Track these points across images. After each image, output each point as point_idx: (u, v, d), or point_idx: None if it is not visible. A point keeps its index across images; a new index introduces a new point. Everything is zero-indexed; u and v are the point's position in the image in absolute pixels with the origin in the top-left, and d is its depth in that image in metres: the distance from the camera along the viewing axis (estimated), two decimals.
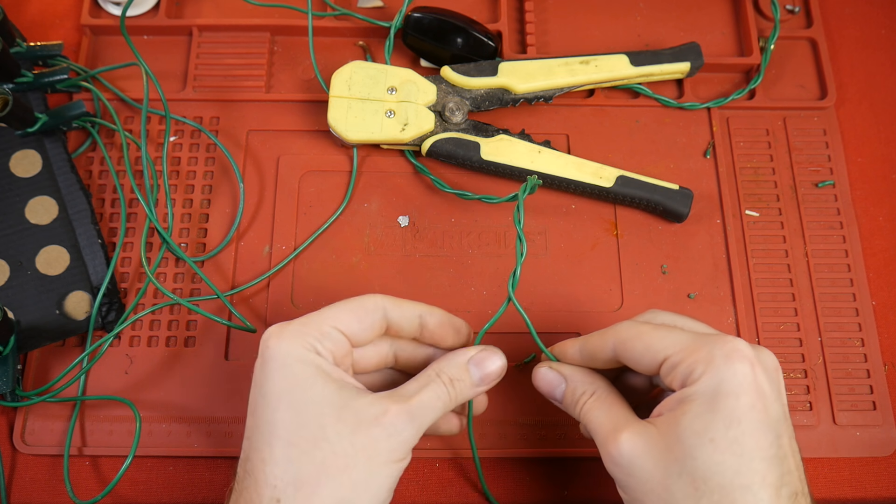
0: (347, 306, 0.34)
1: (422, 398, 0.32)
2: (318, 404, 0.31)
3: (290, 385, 0.31)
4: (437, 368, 0.34)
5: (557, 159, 0.46)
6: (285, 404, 0.31)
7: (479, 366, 0.35)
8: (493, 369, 0.35)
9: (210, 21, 0.51)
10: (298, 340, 0.32)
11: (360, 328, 0.34)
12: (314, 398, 0.31)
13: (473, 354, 0.35)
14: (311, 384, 0.31)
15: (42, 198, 0.46)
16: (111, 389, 0.43)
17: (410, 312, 0.35)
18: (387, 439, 0.31)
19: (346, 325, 0.33)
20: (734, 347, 0.31)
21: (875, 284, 0.47)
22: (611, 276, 0.46)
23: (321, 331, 0.33)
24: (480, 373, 0.35)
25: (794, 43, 0.52)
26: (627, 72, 0.48)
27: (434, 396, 0.33)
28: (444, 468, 0.43)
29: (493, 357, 0.35)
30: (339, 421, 0.31)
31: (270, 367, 0.32)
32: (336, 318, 0.33)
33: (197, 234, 0.47)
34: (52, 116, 0.46)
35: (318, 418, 0.31)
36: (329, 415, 0.31)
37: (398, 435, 0.31)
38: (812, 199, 0.48)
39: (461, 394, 0.34)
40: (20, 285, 0.44)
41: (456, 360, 0.35)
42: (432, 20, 0.48)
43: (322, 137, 0.49)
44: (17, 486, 0.42)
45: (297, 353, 0.32)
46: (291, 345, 0.32)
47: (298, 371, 0.31)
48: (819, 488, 0.43)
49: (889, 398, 0.44)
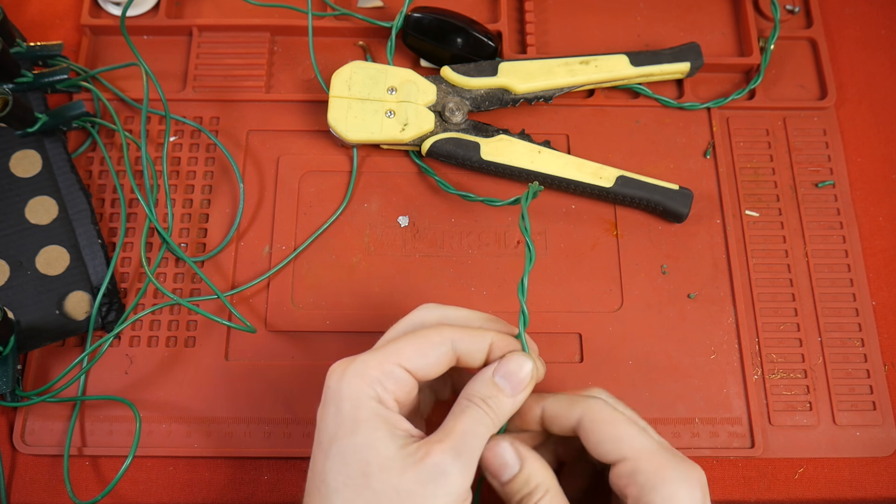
0: (412, 341, 0.32)
1: (462, 429, 0.30)
2: (364, 452, 0.29)
3: (343, 431, 0.30)
4: (467, 394, 0.32)
5: (557, 159, 0.46)
6: (335, 451, 0.30)
7: (507, 376, 0.32)
8: (523, 375, 0.32)
9: (210, 21, 0.51)
10: (359, 381, 0.30)
11: (424, 363, 0.31)
12: (362, 446, 0.29)
13: (496, 366, 0.32)
14: (362, 430, 0.30)
15: (42, 198, 0.46)
16: (111, 389, 0.43)
17: (481, 344, 0.32)
18: (433, 482, 0.29)
19: (411, 361, 0.31)
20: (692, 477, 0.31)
21: (875, 284, 0.47)
22: (611, 276, 0.46)
23: (383, 369, 0.31)
24: (510, 383, 0.32)
25: (794, 43, 0.52)
26: (627, 72, 0.48)
27: (473, 423, 0.31)
28: None
29: (518, 361, 0.32)
30: (385, 469, 0.29)
31: (327, 408, 0.31)
32: (401, 354, 0.31)
33: (197, 234, 0.47)
34: (52, 116, 0.46)
35: (363, 466, 0.29)
36: (375, 462, 0.29)
37: (444, 475, 0.29)
38: (812, 199, 0.48)
39: (501, 410, 0.32)
40: (20, 285, 0.44)
41: (482, 378, 0.32)
42: (432, 20, 0.48)
43: (322, 137, 0.49)
44: (17, 486, 0.42)
45: (354, 394, 0.30)
46: (351, 386, 0.30)
47: (352, 414, 0.30)
48: (819, 488, 0.43)
49: (889, 398, 0.44)
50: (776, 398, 0.44)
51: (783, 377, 0.44)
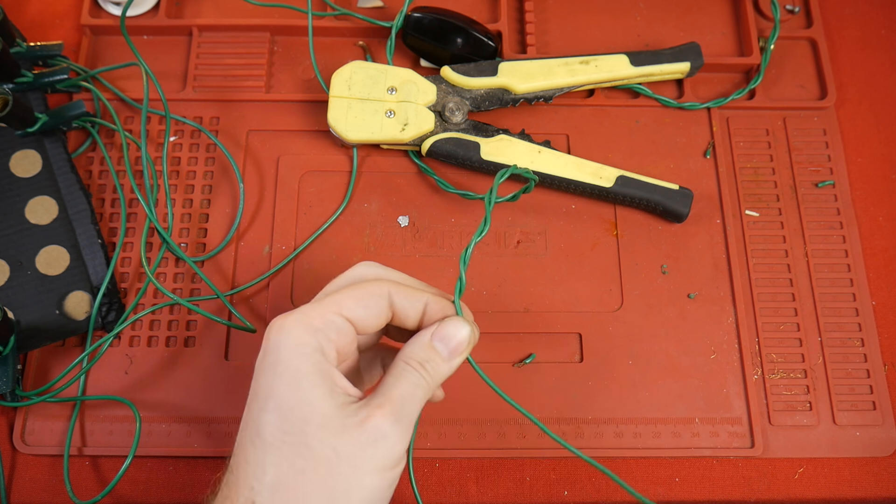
0: (353, 292, 0.31)
1: (401, 393, 0.30)
2: (302, 409, 0.29)
3: (281, 384, 0.30)
4: (405, 356, 0.32)
5: (557, 159, 0.46)
6: (273, 405, 0.29)
7: (444, 340, 0.32)
8: (460, 339, 0.32)
9: (210, 21, 0.51)
10: (300, 331, 0.30)
11: (365, 314, 0.31)
12: (302, 401, 0.29)
13: (435, 330, 0.32)
14: (302, 385, 0.29)
15: (42, 198, 0.46)
16: (111, 389, 0.43)
17: (417, 302, 0.32)
18: (373, 445, 0.29)
19: (352, 311, 0.31)
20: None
21: (875, 284, 0.47)
22: (611, 276, 0.46)
23: (325, 319, 0.30)
24: (447, 347, 0.32)
25: (794, 43, 0.52)
26: (627, 72, 0.48)
27: (412, 387, 0.31)
28: (444, 468, 0.43)
29: (455, 325, 0.32)
30: (323, 427, 0.29)
31: (265, 361, 0.30)
32: (342, 304, 0.31)
33: (197, 234, 0.47)
34: (52, 116, 0.46)
35: (301, 423, 0.29)
36: (313, 420, 0.29)
37: (384, 440, 0.29)
38: (812, 199, 0.48)
39: (436, 374, 0.32)
40: (20, 285, 0.44)
41: (420, 341, 0.32)
42: (432, 20, 0.48)
43: (322, 137, 0.49)
44: (17, 486, 0.42)
45: (294, 346, 0.30)
46: (292, 337, 0.30)
47: (292, 367, 0.30)
48: (819, 488, 0.43)
49: (889, 398, 0.44)
50: (776, 398, 0.44)
51: (783, 377, 0.44)
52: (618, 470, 0.43)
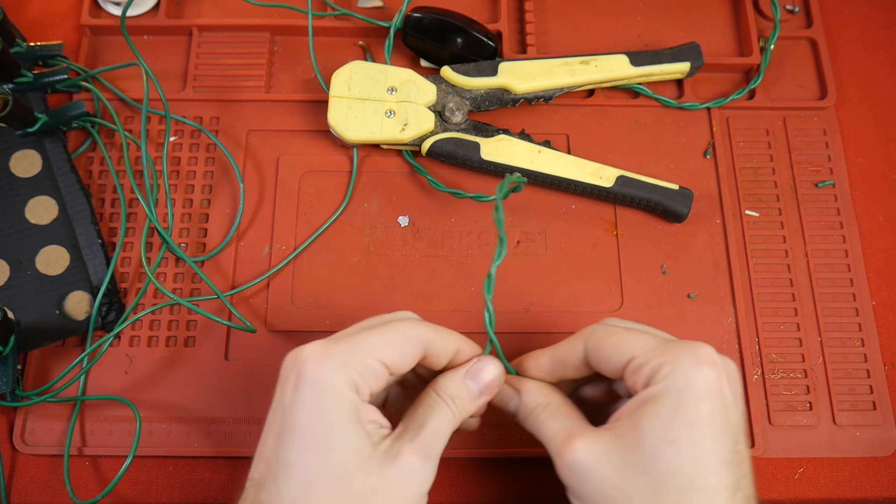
0: (390, 336, 0.32)
1: (431, 429, 0.32)
2: (345, 449, 0.30)
3: (322, 425, 0.30)
4: (437, 389, 0.33)
5: (557, 159, 0.46)
6: (314, 445, 0.30)
7: (476, 378, 0.34)
8: (491, 379, 0.34)
9: (210, 21, 0.51)
10: (342, 373, 0.30)
11: (401, 360, 0.32)
12: (344, 444, 0.30)
13: (468, 368, 0.34)
14: (344, 427, 0.30)
15: (42, 198, 0.46)
16: (111, 389, 0.43)
17: (450, 347, 0.34)
18: (406, 483, 0.30)
19: (389, 356, 0.32)
20: (703, 353, 0.31)
21: (875, 284, 0.47)
22: (611, 276, 0.46)
23: (366, 364, 0.31)
24: (478, 385, 0.34)
25: (794, 43, 0.52)
26: (627, 72, 0.48)
27: (441, 422, 0.32)
28: (444, 468, 0.43)
29: (488, 366, 0.34)
30: (363, 469, 0.30)
31: (306, 396, 0.30)
32: (381, 349, 0.32)
33: (197, 234, 0.47)
34: (52, 116, 0.46)
35: (343, 467, 0.30)
36: (354, 463, 0.30)
37: (416, 475, 0.31)
38: (812, 199, 0.48)
39: (463, 410, 0.34)
40: (20, 285, 0.44)
41: (454, 377, 0.34)
42: (432, 20, 0.48)
43: (322, 137, 0.49)
44: (17, 486, 0.42)
45: (337, 389, 0.30)
46: (334, 377, 0.30)
47: (334, 410, 0.30)
48: (819, 488, 0.43)
49: (889, 398, 0.44)
50: (776, 398, 0.44)
51: (783, 377, 0.44)
52: None
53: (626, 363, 0.32)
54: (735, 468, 0.30)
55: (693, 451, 0.29)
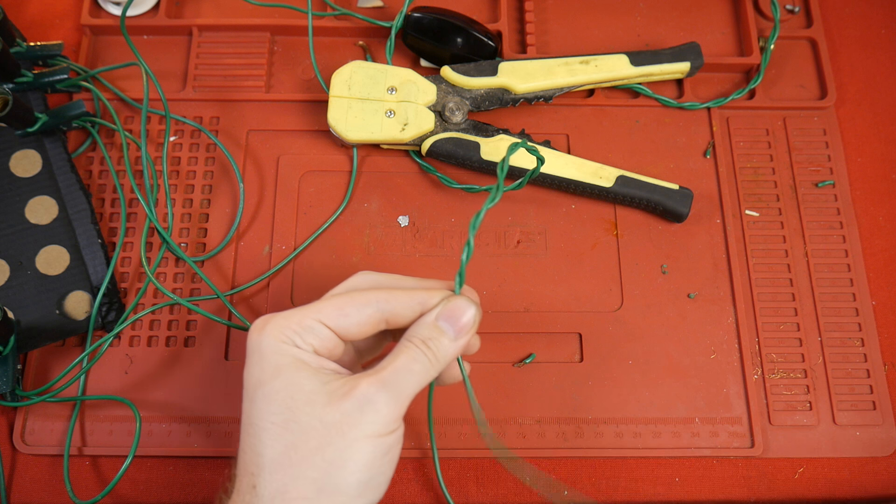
0: (335, 300, 0.32)
1: (394, 366, 0.31)
2: (288, 390, 0.30)
3: (266, 376, 0.31)
4: (408, 335, 0.32)
5: (557, 159, 0.46)
6: (260, 394, 0.31)
7: (450, 319, 0.32)
8: (466, 319, 0.32)
9: (210, 21, 0.51)
10: (277, 333, 0.31)
11: (346, 322, 0.32)
12: (285, 385, 0.30)
13: (439, 310, 0.32)
14: (284, 372, 0.30)
15: (42, 198, 0.46)
16: (111, 389, 0.43)
17: (409, 302, 0.32)
18: (359, 412, 0.29)
19: (331, 319, 0.32)
20: None
21: (875, 284, 0.47)
22: (611, 276, 0.46)
23: (302, 324, 0.31)
24: (453, 326, 0.32)
25: (794, 43, 0.52)
26: (627, 72, 0.48)
27: (408, 360, 0.31)
28: (444, 468, 0.43)
29: (461, 305, 0.32)
30: (309, 403, 0.30)
31: (251, 360, 0.31)
32: (320, 311, 0.32)
33: (197, 234, 0.47)
34: (52, 116, 0.46)
35: (288, 402, 0.30)
36: (299, 398, 0.30)
37: (370, 405, 0.29)
38: (812, 199, 0.48)
39: (441, 353, 0.32)
40: (20, 285, 0.44)
41: (423, 321, 0.32)
42: (432, 20, 0.48)
43: (322, 137, 0.49)
44: (17, 486, 0.42)
45: (274, 345, 0.31)
46: (270, 337, 0.31)
47: (274, 361, 0.31)
48: (819, 488, 0.43)
49: (889, 398, 0.44)
50: (776, 398, 0.44)
51: (783, 377, 0.44)
52: (618, 470, 0.43)
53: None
54: None
55: None
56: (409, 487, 0.42)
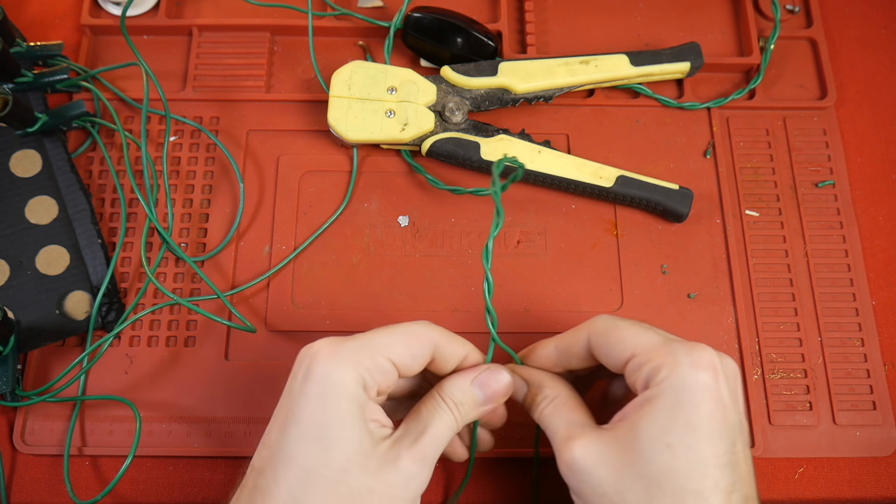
0: (402, 337, 0.33)
1: (432, 434, 0.32)
2: (347, 445, 0.30)
3: (327, 419, 0.30)
4: (442, 392, 0.33)
5: (557, 159, 0.46)
6: (317, 439, 0.30)
7: (483, 386, 0.34)
8: (499, 388, 0.34)
9: (210, 21, 0.51)
10: (351, 369, 0.31)
11: (411, 361, 0.32)
12: (346, 438, 0.30)
13: (477, 374, 0.34)
14: (348, 423, 0.30)
15: (42, 198, 0.46)
16: (111, 389, 0.43)
17: (458, 352, 0.34)
18: (402, 487, 0.31)
19: (399, 356, 0.32)
20: (700, 356, 0.31)
21: (875, 284, 0.47)
22: (611, 276, 0.46)
23: (375, 362, 0.31)
24: (485, 393, 0.34)
25: (794, 43, 0.52)
26: (627, 72, 0.48)
27: (443, 428, 0.32)
28: (443, 468, 0.43)
29: (497, 375, 0.34)
30: (362, 467, 0.30)
31: (313, 389, 0.31)
32: (391, 348, 0.32)
33: (197, 234, 0.47)
34: (52, 116, 0.46)
35: (346, 462, 0.30)
36: (356, 461, 0.30)
37: (413, 480, 0.31)
38: (812, 199, 0.48)
39: (466, 416, 0.33)
40: (20, 285, 0.44)
41: (460, 382, 0.34)
42: (432, 20, 0.48)
43: (322, 137, 0.49)
44: (17, 486, 0.42)
45: (344, 385, 0.31)
46: (342, 372, 0.31)
47: (340, 405, 0.30)
48: (819, 488, 0.43)
49: (889, 398, 0.44)
50: (776, 398, 0.44)
51: (783, 377, 0.44)
52: None
53: (627, 360, 0.32)
54: (732, 470, 0.30)
55: (688, 454, 0.29)
56: None
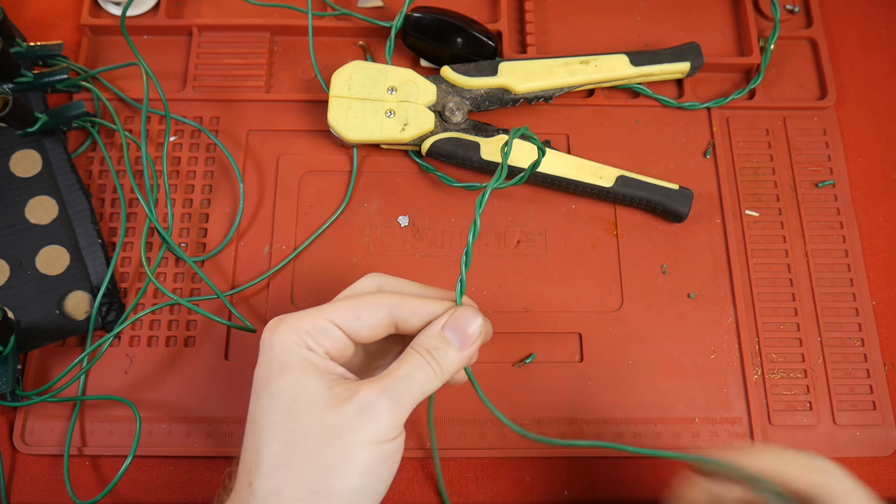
0: (347, 302, 0.32)
1: (398, 373, 0.31)
2: (292, 390, 0.30)
3: (273, 374, 0.31)
4: (414, 343, 0.32)
5: (557, 159, 0.46)
6: (265, 393, 0.31)
7: (456, 329, 0.32)
8: (472, 330, 0.32)
9: (210, 21, 0.51)
10: (289, 333, 0.31)
11: (358, 325, 0.32)
12: (290, 385, 0.30)
13: (446, 320, 0.32)
14: (291, 372, 0.31)
15: (42, 198, 0.46)
16: (111, 389, 0.43)
17: (420, 311, 0.32)
18: (359, 417, 0.29)
19: (343, 320, 0.32)
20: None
21: (875, 284, 0.47)
22: (611, 276, 0.46)
23: (315, 325, 0.31)
24: (459, 337, 0.32)
25: (794, 43, 0.52)
26: (627, 72, 0.48)
27: (411, 369, 0.31)
28: (444, 468, 0.43)
29: (468, 316, 0.32)
30: (311, 405, 0.30)
31: (261, 358, 0.32)
32: (334, 311, 0.32)
33: (197, 234, 0.47)
34: (52, 116, 0.46)
35: (290, 402, 0.30)
36: (302, 399, 0.30)
37: (370, 410, 0.29)
38: (812, 199, 0.48)
39: (445, 362, 0.32)
40: (20, 285, 0.44)
41: (429, 330, 0.32)
42: (432, 20, 0.48)
43: (322, 137, 0.49)
44: (17, 486, 0.42)
45: (284, 345, 0.31)
46: (282, 337, 0.31)
47: (282, 361, 0.31)
48: None
49: (889, 398, 0.44)
50: (776, 398, 0.44)
51: (783, 377, 0.44)
52: (618, 470, 0.43)
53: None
54: None
55: None
56: (409, 487, 0.42)
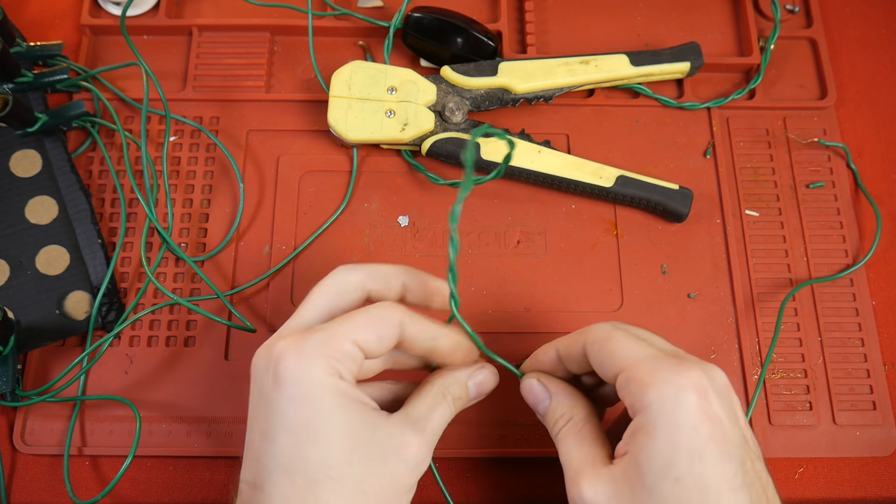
0: (368, 320, 0.31)
1: (435, 424, 0.32)
2: (345, 440, 0.30)
3: (315, 418, 0.29)
4: (443, 387, 0.34)
5: (557, 159, 0.46)
6: (310, 441, 0.29)
7: (479, 386, 0.35)
8: (488, 388, 0.36)
9: (210, 21, 0.51)
10: (320, 363, 0.30)
11: (377, 343, 0.31)
12: (341, 434, 0.30)
13: (474, 374, 0.35)
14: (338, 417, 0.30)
15: (42, 198, 0.46)
16: (111, 389, 0.43)
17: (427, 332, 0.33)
18: (410, 473, 0.31)
19: (365, 340, 0.31)
20: (685, 376, 0.29)
21: (875, 284, 0.47)
22: (611, 276, 0.46)
23: (343, 350, 0.30)
24: (477, 391, 0.35)
25: (794, 43, 0.52)
26: (627, 72, 0.48)
27: (444, 419, 0.33)
28: (444, 468, 0.43)
29: (492, 378, 0.35)
30: (366, 457, 0.30)
31: (290, 393, 0.30)
32: (356, 332, 0.31)
33: (197, 234, 0.47)
34: (52, 116, 0.46)
35: (346, 455, 0.30)
36: (356, 450, 0.30)
37: (420, 466, 0.32)
38: (812, 199, 0.48)
39: (459, 409, 0.35)
40: (20, 285, 0.44)
41: (459, 378, 0.34)
42: (432, 20, 0.48)
43: (322, 137, 0.49)
44: (17, 486, 0.42)
45: (321, 380, 0.30)
46: (313, 368, 0.30)
47: (324, 401, 0.30)
48: (819, 488, 0.43)
49: (889, 398, 0.44)
50: (776, 398, 0.44)
51: (783, 377, 0.44)
52: None
53: (616, 374, 0.31)
54: (747, 490, 0.29)
55: (697, 485, 0.28)
56: None
